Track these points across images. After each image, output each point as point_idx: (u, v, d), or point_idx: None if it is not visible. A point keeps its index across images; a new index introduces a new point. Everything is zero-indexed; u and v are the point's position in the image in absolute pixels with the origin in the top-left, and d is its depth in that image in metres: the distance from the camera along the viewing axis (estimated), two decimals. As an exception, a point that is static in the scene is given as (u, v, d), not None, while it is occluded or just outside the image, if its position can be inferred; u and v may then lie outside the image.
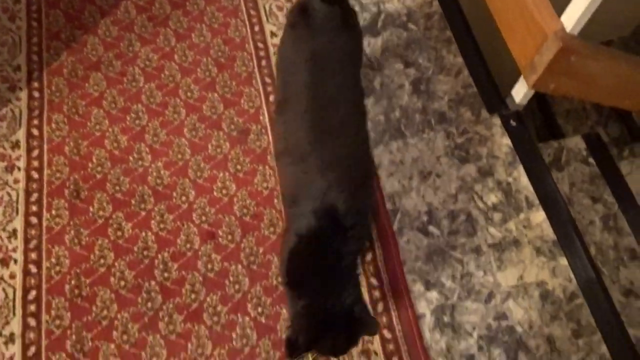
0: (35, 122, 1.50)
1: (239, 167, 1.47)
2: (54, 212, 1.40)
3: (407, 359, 1.25)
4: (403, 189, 1.47)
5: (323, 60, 1.19)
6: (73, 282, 1.33)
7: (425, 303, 1.32)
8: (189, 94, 1.57)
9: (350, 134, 1.16)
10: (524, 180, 1.46)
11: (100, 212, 1.41)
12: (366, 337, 1.26)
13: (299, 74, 1.18)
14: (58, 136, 1.49)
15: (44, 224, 1.39)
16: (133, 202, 1.42)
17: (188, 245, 1.38)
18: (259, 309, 1.31)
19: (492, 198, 1.45)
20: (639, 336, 1.32)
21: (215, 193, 1.44)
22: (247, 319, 1.30)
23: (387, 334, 1.28)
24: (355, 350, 1.26)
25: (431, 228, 1.41)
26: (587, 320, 1.29)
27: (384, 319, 1.29)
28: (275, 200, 1.43)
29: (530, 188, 1.45)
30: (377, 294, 1.32)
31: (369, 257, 1.36)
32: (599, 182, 1.68)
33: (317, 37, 1.21)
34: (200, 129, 1.52)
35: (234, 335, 1.28)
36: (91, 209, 1.41)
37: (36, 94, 1.54)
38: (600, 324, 1.26)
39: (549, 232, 1.39)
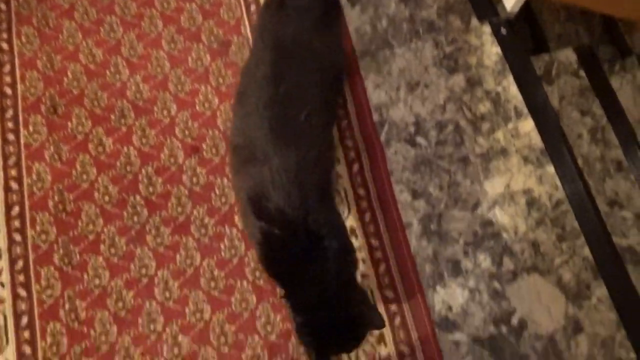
0: (4, 35, 1.43)
1: (220, 80, 1.43)
2: (31, 128, 1.36)
3: (394, 265, 1.26)
4: (390, 100, 1.43)
5: (290, 52, 1.06)
6: (56, 197, 1.31)
7: (413, 212, 1.32)
8: (165, 4, 1.50)
9: (314, 139, 1.05)
10: (513, 89, 1.44)
11: (80, 128, 1.37)
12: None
13: (261, 63, 1.06)
14: (29, 50, 1.42)
15: (22, 140, 1.35)
16: (113, 117, 1.38)
17: (172, 160, 1.35)
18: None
19: (481, 108, 1.42)
20: (622, 244, 1.34)
21: (197, 107, 1.40)
22: (234, 230, 1.29)
23: (374, 242, 1.28)
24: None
25: (419, 139, 1.39)
26: (572, 225, 1.30)
27: (371, 228, 1.29)
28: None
29: (520, 97, 1.43)
30: (364, 204, 1.31)
31: (355, 168, 1.35)
32: (589, 95, 1.65)
33: (288, 24, 1.08)
34: (179, 41, 1.46)
35: (222, 247, 1.28)
36: (70, 124, 1.37)
37: (2, 6, 1.45)
38: (583, 227, 1.27)
39: (537, 141, 1.38)
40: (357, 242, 1.28)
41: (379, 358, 1.20)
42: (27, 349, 1.20)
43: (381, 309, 1.24)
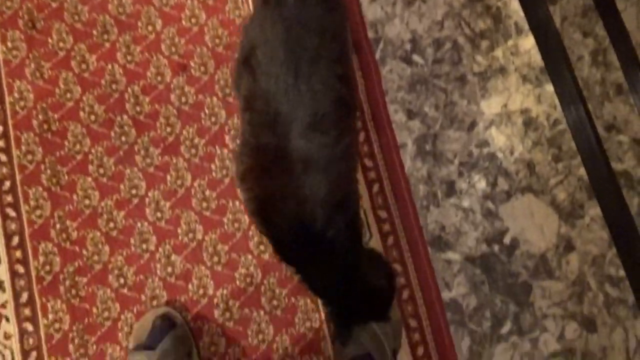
0: (-25, -57, 1.33)
1: (208, -7, 1.35)
2: (9, 44, 1.30)
3: (388, 185, 1.25)
4: (386, 16, 1.37)
5: (299, 46, 0.93)
6: (40, 117, 1.27)
7: (407, 132, 1.30)
8: None
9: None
10: (515, 4, 1.37)
11: (61, 44, 1.31)
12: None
13: (273, 63, 0.93)
14: (3, -41, 1.33)
15: (0, 57, 1.29)
16: (95, 32, 1.32)
17: (159, 78, 1.30)
18: (238, 141, 1.28)
19: (480, 24, 1.37)
20: (617, 169, 1.32)
21: (183, 22, 1.34)
22: (225, 150, 1.27)
23: (368, 162, 1.26)
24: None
25: (415, 57, 1.34)
26: (569, 145, 1.28)
27: (365, 148, 1.26)
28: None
29: (521, 13, 1.36)
30: (358, 124, 1.28)
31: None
32: (592, 16, 1.58)
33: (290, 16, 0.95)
34: (163, -49, 1.37)
35: (213, 167, 1.26)
36: (50, 40, 1.31)
37: None
38: (580, 146, 1.25)
39: (536, 59, 1.34)
40: (350, 161, 1.26)
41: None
42: (20, 268, 1.20)
43: (374, 229, 1.23)
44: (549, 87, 1.31)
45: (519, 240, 1.25)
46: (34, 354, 1.16)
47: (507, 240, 1.25)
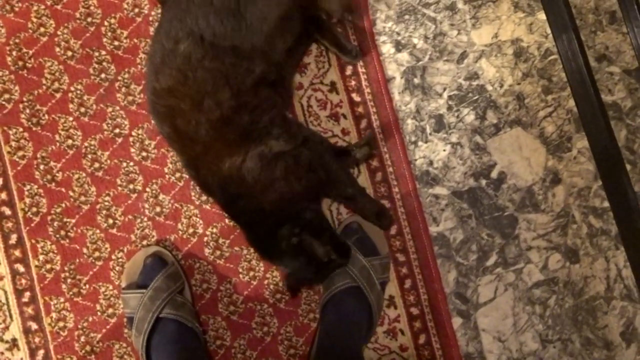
0: None
1: None
2: (-25, -26, 1.22)
3: (376, 121, 1.23)
4: (374, -60, 1.30)
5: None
6: (14, 53, 1.21)
7: (396, 65, 1.26)
8: None
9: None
10: None
11: (30, -26, 1.23)
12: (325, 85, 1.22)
13: None
14: None
15: (-33, -11, 1.21)
16: (66, -40, 1.24)
17: (136, 10, 1.24)
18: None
19: (473, -52, 1.30)
20: (607, 100, 1.31)
21: (160, -51, 1.25)
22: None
23: (356, 97, 1.24)
24: (324, 114, 1.24)
25: (404, -16, 1.28)
26: (559, 76, 1.26)
27: (353, 82, 1.24)
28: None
29: (515, -64, 1.30)
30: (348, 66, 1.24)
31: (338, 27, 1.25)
32: (587, -62, 1.51)
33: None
34: None
35: (197, 104, 1.22)
36: (18, -30, 1.23)
37: None
38: (571, 77, 1.22)
39: (530, -14, 1.28)
40: (337, 97, 1.23)
41: (360, 211, 1.21)
42: (7, 210, 1.19)
43: (363, 165, 1.23)
44: (541, 16, 1.28)
45: (506, 174, 1.25)
46: (27, 294, 1.18)
47: (494, 174, 1.25)
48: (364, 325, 1.12)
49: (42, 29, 1.22)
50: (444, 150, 1.25)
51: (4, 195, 1.19)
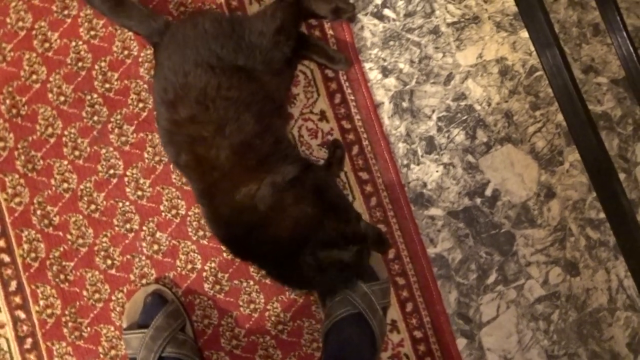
0: None
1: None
2: (-34, 27, 1.24)
3: (368, 146, 1.24)
4: (355, -30, 1.33)
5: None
6: (8, 101, 1.23)
7: (384, 91, 1.28)
8: None
9: None
10: (486, -48, 1.33)
11: (20, 24, 1.26)
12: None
13: None
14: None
15: (-41, 42, 1.24)
16: (55, 8, 1.26)
17: (126, 52, 1.26)
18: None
19: (452, -28, 1.33)
20: (596, 111, 1.32)
21: (146, -9, 1.28)
22: (200, 123, 1.24)
23: (346, 124, 1.25)
24: (315, 143, 1.25)
25: (386, 11, 1.31)
26: (546, 92, 1.28)
27: (342, 110, 1.25)
28: (214, -7, 1.29)
29: (492, -42, 1.33)
30: (333, 85, 1.26)
31: (317, 33, 1.27)
32: (565, -47, 1.54)
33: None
34: None
35: (189, 140, 1.23)
36: (8, 20, 1.25)
37: None
38: (557, 91, 1.24)
39: (510, 5, 1.31)
40: (327, 125, 1.25)
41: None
42: (6, 257, 1.20)
43: (356, 190, 1.23)
44: (524, 34, 1.30)
45: (500, 191, 1.26)
46: (29, 340, 1.18)
47: (488, 192, 1.26)
48: (367, 351, 1.11)
49: (34, 76, 1.24)
50: (437, 172, 1.26)
51: (2, 243, 1.20)
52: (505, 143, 1.27)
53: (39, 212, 1.20)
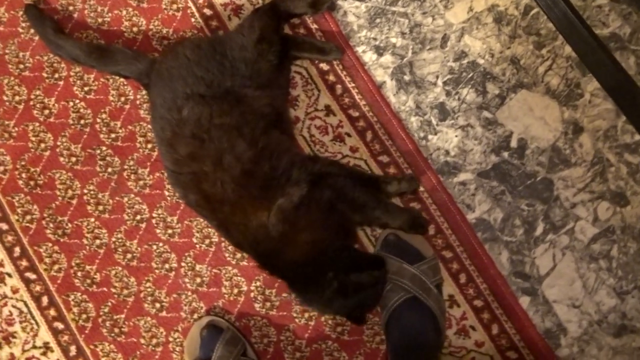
0: None
1: (140, -3, 1.29)
2: (-32, 115, 1.27)
3: (381, 129, 1.22)
4: (324, -41, 1.30)
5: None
6: (24, 175, 1.25)
7: (382, 70, 1.25)
8: None
9: None
10: None
11: (17, 98, 1.28)
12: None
13: None
14: None
15: (-35, 130, 1.26)
16: (45, 74, 1.28)
17: (123, 99, 1.27)
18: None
19: None
20: (604, 34, 1.26)
21: (126, 35, 1.29)
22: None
23: (353, 113, 1.23)
24: (327, 139, 1.23)
25: (366, -10, 1.28)
26: (547, 27, 1.23)
27: (346, 100, 1.23)
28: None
29: None
30: (331, 78, 1.24)
31: (302, 30, 1.25)
32: None
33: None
34: None
35: (205, 168, 1.23)
36: (5, 97, 1.28)
37: None
38: (558, 24, 1.19)
39: (489, -50, 1.26)
40: (335, 119, 1.23)
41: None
42: (60, 325, 1.21)
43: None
44: (510, -25, 1.25)
45: (525, 139, 1.22)
46: (100, 399, 1.19)
47: (513, 143, 1.22)
48: (431, 333, 1.08)
49: (42, 145, 1.25)
50: (456, 136, 1.22)
51: (53, 312, 1.22)
52: (519, 90, 1.23)
53: (79, 273, 1.22)
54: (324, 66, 1.24)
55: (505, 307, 1.16)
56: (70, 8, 1.28)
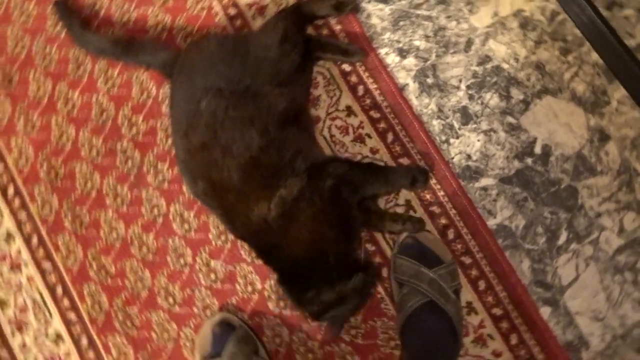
0: None
1: (167, -5, 1.31)
2: (-6, 105, 1.29)
3: (402, 131, 1.20)
4: (350, -38, 1.31)
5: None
6: (45, 166, 1.26)
7: (405, 72, 1.24)
8: None
9: None
10: None
11: (41, 90, 1.29)
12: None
13: None
14: None
15: (-10, 120, 1.28)
16: (69, 69, 1.30)
17: (145, 94, 1.28)
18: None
19: (448, -61, 1.29)
20: (630, 44, 1.24)
21: (150, 32, 1.30)
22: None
23: (374, 114, 1.22)
24: (348, 139, 1.22)
25: (391, -7, 1.28)
26: (573, 34, 1.21)
27: (368, 101, 1.22)
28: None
29: None
30: (353, 78, 1.23)
31: (325, 31, 1.25)
32: None
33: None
34: None
35: (223, 165, 1.23)
36: (30, 90, 1.29)
37: None
38: (585, 30, 1.18)
39: (516, -44, 1.26)
40: (356, 119, 1.22)
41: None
42: (72, 316, 1.21)
43: (400, 177, 1.19)
44: (537, -19, 1.24)
45: (549, 145, 1.19)
46: (109, 392, 1.18)
47: (537, 149, 1.19)
48: (449, 339, 1.06)
49: (64, 137, 1.27)
50: (478, 141, 1.21)
51: (66, 302, 1.21)
52: (543, 95, 1.21)
53: (94, 265, 1.22)
54: (346, 67, 1.24)
55: (525, 317, 1.13)
56: (97, 6, 1.30)
